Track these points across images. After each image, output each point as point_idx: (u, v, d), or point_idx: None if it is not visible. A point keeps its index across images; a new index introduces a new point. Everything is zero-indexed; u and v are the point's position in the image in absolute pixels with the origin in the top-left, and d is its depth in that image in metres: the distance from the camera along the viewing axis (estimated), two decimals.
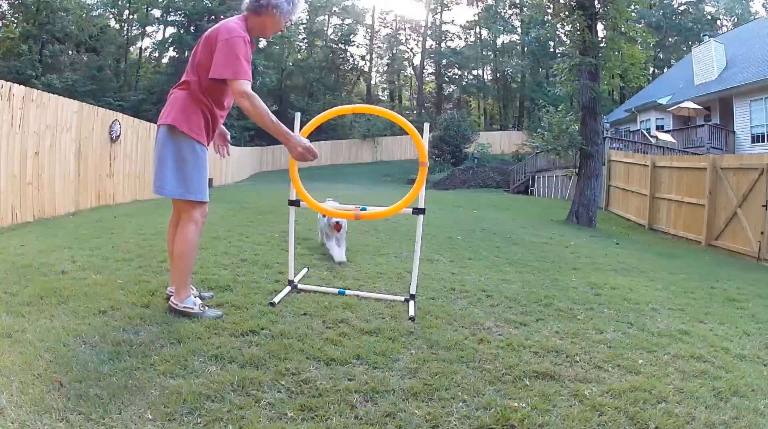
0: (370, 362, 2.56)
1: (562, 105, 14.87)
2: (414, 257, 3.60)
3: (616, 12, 11.31)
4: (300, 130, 3.51)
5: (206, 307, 3.11)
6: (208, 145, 3.11)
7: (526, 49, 40.81)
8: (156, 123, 3.15)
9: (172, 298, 3.10)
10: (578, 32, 11.75)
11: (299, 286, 3.76)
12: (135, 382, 2.16)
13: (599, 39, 11.97)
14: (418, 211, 3.54)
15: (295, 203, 3.61)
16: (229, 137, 3.44)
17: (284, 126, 2.91)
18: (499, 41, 44.52)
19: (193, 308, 3.03)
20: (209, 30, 2.98)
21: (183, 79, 3.03)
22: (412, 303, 3.48)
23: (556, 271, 5.39)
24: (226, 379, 2.24)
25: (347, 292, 3.69)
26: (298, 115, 3.74)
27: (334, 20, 45.01)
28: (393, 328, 3.09)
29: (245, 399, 2.10)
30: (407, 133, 3.35)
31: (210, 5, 32.82)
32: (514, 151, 31.01)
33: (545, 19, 14.74)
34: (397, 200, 3.42)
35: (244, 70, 2.83)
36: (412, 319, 3.27)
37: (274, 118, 2.87)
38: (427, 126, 3.64)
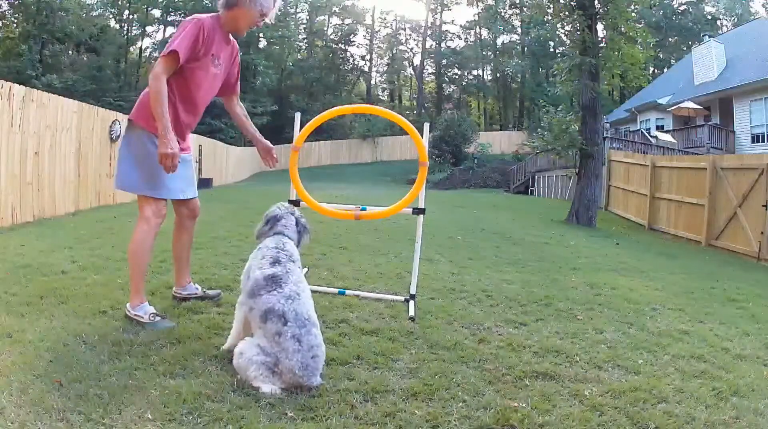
0: (370, 362, 2.56)
1: (562, 105, 14.86)
2: (414, 257, 3.60)
3: (616, 12, 11.30)
4: (300, 129, 3.51)
5: (158, 318, 2.87)
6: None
7: (526, 49, 40.80)
8: None
9: (128, 304, 2.92)
10: (578, 32, 11.74)
11: None
12: (135, 382, 2.16)
13: (599, 39, 11.96)
14: (418, 211, 3.53)
15: (295, 203, 3.61)
16: (273, 152, 3.39)
17: (168, 121, 2.70)
18: (499, 41, 44.53)
19: (143, 317, 2.84)
20: None
21: None
22: (412, 303, 3.48)
23: (556, 271, 5.39)
24: (226, 379, 2.24)
25: (347, 292, 3.69)
26: (298, 116, 3.74)
27: (334, 20, 45.04)
28: (393, 328, 3.09)
29: (245, 399, 2.10)
30: (407, 133, 3.35)
31: (210, 5, 32.77)
32: (514, 151, 31.01)
33: (545, 19, 14.74)
34: (398, 200, 3.42)
35: (172, 46, 2.72)
36: (412, 319, 3.27)
37: (163, 108, 2.68)
38: (427, 126, 3.64)
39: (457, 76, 46.16)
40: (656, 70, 35.33)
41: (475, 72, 45.86)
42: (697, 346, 3.21)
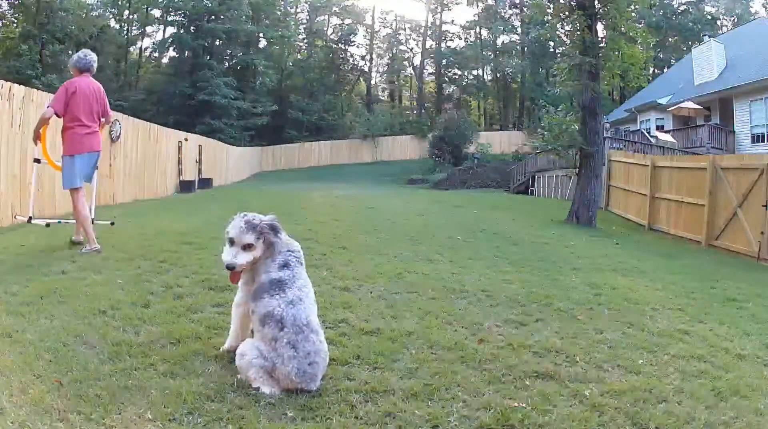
0: (370, 362, 2.56)
1: (562, 105, 14.85)
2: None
3: (616, 12, 11.28)
4: None
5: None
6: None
7: (526, 49, 40.75)
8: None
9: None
10: (578, 32, 11.73)
11: (34, 221, 5.73)
12: (135, 382, 2.16)
13: (599, 39, 11.95)
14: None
15: (37, 161, 5.25)
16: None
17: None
18: (499, 41, 44.47)
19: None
20: (91, 85, 4.96)
21: (98, 121, 5.07)
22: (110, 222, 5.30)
23: (556, 271, 5.39)
24: (226, 380, 2.24)
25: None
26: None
27: (334, 20, 44.97)
28: (393, 328, 3.09)
29: (245, 399, 2.10)
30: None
31: (210, 5, 32.79)
32: (514, 151, 30.98)
33: (545, 19, 14.72)
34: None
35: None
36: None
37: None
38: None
39: (457, 76, 46.10)
40: (656, 70, 35.28)
41: (475, 72, 45.78)
42: (697, 346, 3.21)
